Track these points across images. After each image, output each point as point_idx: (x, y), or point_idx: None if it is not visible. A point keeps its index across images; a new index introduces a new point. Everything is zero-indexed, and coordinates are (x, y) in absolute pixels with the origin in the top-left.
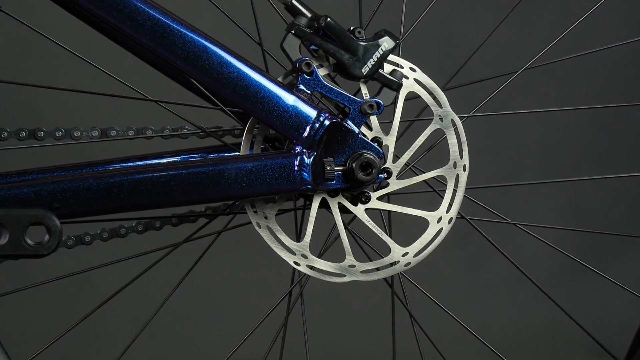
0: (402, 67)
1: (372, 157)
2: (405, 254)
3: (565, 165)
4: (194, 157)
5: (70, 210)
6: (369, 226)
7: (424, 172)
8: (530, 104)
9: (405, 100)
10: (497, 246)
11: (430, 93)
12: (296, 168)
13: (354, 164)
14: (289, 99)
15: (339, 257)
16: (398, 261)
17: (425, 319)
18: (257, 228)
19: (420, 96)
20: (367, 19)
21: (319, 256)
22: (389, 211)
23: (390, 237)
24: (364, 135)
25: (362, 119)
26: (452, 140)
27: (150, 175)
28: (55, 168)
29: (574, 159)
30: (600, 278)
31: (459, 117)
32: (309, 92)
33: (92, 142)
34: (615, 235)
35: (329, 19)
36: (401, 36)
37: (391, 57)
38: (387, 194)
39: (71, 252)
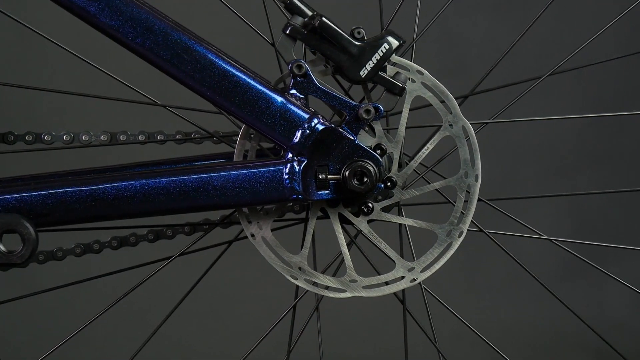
0: (408, 69)
1: (366, 165)
2: (412, 269)
3: (564, 165)
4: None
5: (54, 218)
6: (372, 239)
7: (442, 179)
8: (530, 106)
9: (417, 108)
10: (511, 255)
11: (442, 100)
12: (286, 176)
13: (347, 173)
14: (277, 102)
15: (344, 270)
16: (403, 276)
17: (420, 316)
18: (251, 239)
19: (429, 102)
20: (374, 21)
21: (324, 271)
22: (399, 224)
23: (401, 250)
24: (377, 143)
25: (360, 124)
26: (463, 148)
27: (133, 183)
28: (68, 173)
29: (573, 158)
30: (598, 279)
31: (471, 123)
32: (301, 95)
33: (102, 145)
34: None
35: (323, 18)
36: (414, 37)
37: (398, 60)
38: (397, 205)
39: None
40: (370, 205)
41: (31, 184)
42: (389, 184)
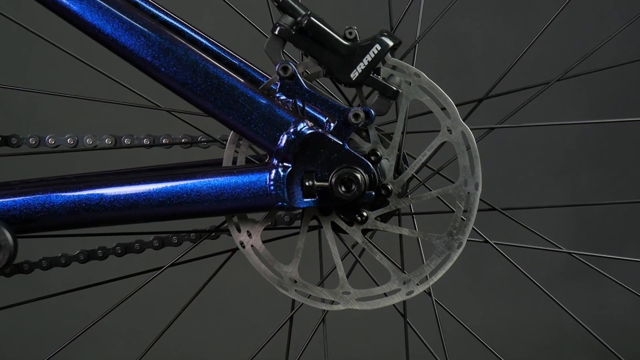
0: (404, 72)
1: (353, 172)
2: (408, 281)
3: (567, 166)
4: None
5: (38, 224)
6: (367, 249)
7: (442, 187)
8: (533, 109)
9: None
10: (515, 264)
11: (443, 107)
12: (270, 182)
13: (333, 180)
14: (262, 104)
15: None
16: (399, 289)
17: (423, 319)
18: (240, 248)
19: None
20: (376, 22)
21: (321, 282)
22: (400, 234)
23: (401, 259)
24: (372, 149)
25: (350, 129)
26: (462, 155)
27: (117, 189)
28: (75, 176)
29: (576, 160)
30: (599, 280)
31: (475, 129)
32: (288, 99)
33: (106, 149)
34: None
35: (311, 17)
36: (417, 38)
37: (395, 62)
38: (397, 214)
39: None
40: (364, 214)
41: (16, 189)
42: (383, 192)
